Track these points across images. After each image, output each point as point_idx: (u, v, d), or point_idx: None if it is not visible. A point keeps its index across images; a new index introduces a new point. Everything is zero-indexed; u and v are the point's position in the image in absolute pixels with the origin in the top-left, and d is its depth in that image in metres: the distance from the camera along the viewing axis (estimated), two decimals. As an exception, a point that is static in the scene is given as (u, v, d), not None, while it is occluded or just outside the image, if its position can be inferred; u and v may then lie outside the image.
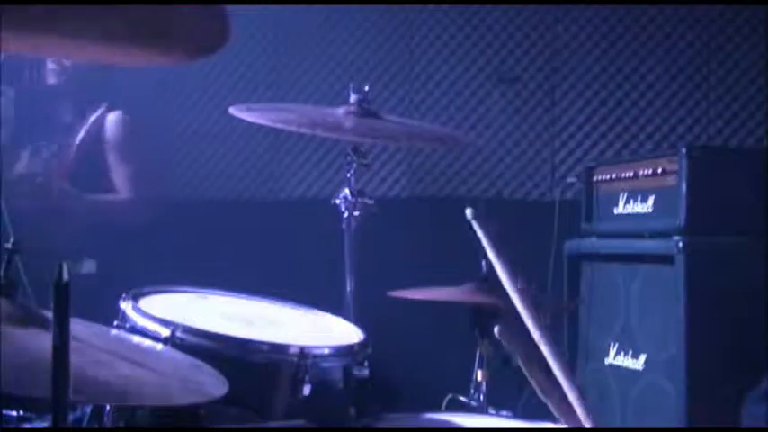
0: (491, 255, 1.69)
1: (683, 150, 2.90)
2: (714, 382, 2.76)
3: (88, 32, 0.97)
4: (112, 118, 3.50)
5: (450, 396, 2.69)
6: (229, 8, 1.17)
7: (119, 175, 3.48)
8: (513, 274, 1.63)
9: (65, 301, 1.04)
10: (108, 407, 1.85)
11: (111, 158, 3.49)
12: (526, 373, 1.61)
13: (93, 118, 3.48)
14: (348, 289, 2.55)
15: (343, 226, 2.57)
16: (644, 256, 3.04)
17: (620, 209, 3.20)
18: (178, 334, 1.95)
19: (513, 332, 1.62)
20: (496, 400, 2.61)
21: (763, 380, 1.65)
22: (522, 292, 1.60)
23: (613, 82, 4.26)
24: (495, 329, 1.63)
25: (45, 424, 1.90)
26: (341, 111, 2.52)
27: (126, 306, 2.05)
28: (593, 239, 3.37)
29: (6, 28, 0.87)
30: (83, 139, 3.47)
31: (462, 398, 2.69)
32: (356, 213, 2.56)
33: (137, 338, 1.91)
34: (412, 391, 2.51)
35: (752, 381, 2.41)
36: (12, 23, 0.87)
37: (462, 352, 2.66)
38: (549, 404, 1.62)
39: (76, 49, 1.13)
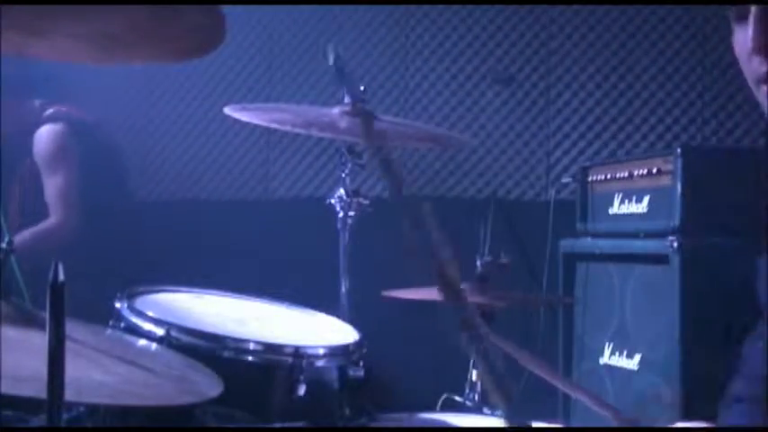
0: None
1: (678, 150, 2.90)
2: (709, 381, 2.76)
3: (86, 33, 0.97)
4: (43, 131, 3.24)
5: (445, 396, 2.69)
6: (224, 8, 1.17)
7: (50, 194, 3.24)
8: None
9: (60, 302, 1.04)
10: (102, 407, 1.84)
11: (43, 176, 3.24)
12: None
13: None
14: (343, 289, 2.54)
15: (339, 226, 2.57)
16: (639, 256, 3.04)
17: (615, 209, 3.20)
18: (173, 334, 1.94)
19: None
20: (491, 400, 2.60)
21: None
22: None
23: (608, 82, 4.26)
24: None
25: (39, 424, 1.89)
26: (336, 111, 2.51)
27: (121, 305, 2.05)
28: (588, 239, 3.37)
29: (6, 28, 0.86)
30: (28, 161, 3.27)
31: (457, 398, 2.68)
32: (351, 213, 2.56)
33: (131, 338, 1.91)
34: (407, 392, 2.50)
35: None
36: (11, 24, 0.87)
37: (457, 352, 2.66)
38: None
39: (75, 49, 1.13)
